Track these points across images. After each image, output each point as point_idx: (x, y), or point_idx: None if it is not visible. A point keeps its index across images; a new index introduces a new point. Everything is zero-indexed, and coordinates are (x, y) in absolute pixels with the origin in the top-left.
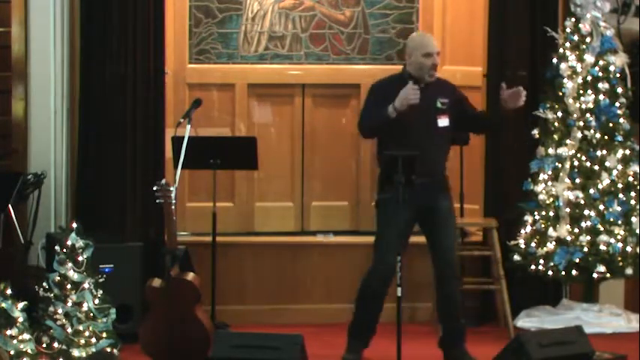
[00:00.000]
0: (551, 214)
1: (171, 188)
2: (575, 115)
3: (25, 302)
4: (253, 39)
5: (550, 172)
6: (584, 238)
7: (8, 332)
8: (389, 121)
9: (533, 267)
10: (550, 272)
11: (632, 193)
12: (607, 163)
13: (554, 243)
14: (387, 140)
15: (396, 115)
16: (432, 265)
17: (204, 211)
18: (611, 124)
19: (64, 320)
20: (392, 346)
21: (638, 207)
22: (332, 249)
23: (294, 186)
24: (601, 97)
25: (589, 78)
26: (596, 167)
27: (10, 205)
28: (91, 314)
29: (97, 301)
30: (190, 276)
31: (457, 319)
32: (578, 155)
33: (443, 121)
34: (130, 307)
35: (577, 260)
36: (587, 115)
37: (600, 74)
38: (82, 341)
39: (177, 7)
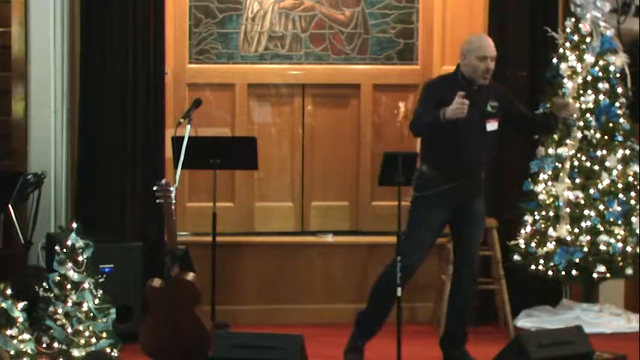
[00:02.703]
0: (551, 214)
1: (171, 188)
2: (575, 115)
3: (25, 302)
4: (253, 39)
5: (550, 172)
6: (584, 238)
7: (8, 332)
8: (439, 125)
9: (533, 267)
10: (550, 272)
11: (632, 193)
12: (607, 163)
13: (554, 243)
14: (432, 139)
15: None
16: (453, 263)
17: (204, 211)
18: (611, 124)
19: (64, 320)
20: (392, 346)
21: (638, 207)
22: (332, 249)
23: (294, 186)
24: (601, 97)
25: (589, 78)
26: (596, 167)
27: (10, 205)
28: (91, 314)
29: (97, 301)
30: (190, 276)
31: (464, 320)
32: (578, 155)
33: (491, 125)
34: (130, 307)
35: (577, 260)
36: (587, 115)
37: (600, 74)
38: (82, 341)
39: (177, 7)
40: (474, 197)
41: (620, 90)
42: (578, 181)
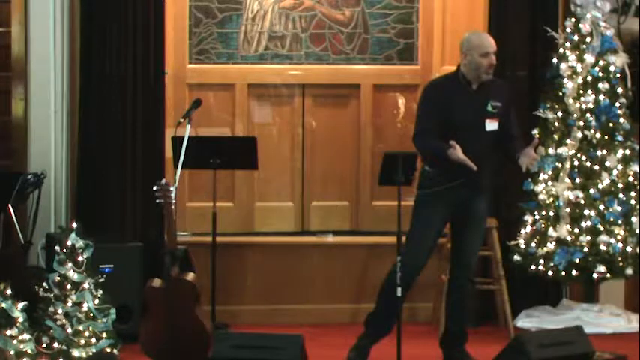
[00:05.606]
0: (551, 214)
1: (172, 188)
2: (575, 115)
3: (25, 302)
4: (253, 39)
5: (550, 172)
6: (584, 238)
7: (8, 332)
8: (444, 158)
9: (533, 267)
10: (550, 272)
11: (632, 193)
12: (607, 163)
13: (554, 243)
14: None
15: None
16: (450, 263)
17: (204, 211)
18: (611, 124)
19: (64, 320)
20: (392, 346)
21: (638, 207)
22: (332, 249)
23: (294, 186)
24: (601, 97)
25: (589, 78)
26: (596, 167)
27: (10, 205)
28: (91, 314)
29: (97, 301)
30: (190, 276)
31: (462, 320)
32: (578, 155)
33: (491, 125)
34: (130, 307)
35: (577, 260)
36: (587, 115)
37: (600, 74)
38: (82, 341)
39: (177, 7)
40: (475, 196)
41: (620, 90)
42: (578, 181)
